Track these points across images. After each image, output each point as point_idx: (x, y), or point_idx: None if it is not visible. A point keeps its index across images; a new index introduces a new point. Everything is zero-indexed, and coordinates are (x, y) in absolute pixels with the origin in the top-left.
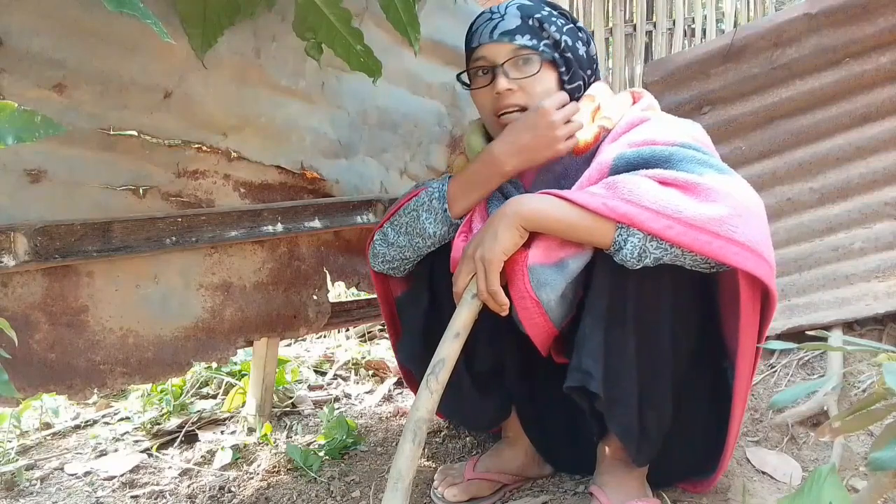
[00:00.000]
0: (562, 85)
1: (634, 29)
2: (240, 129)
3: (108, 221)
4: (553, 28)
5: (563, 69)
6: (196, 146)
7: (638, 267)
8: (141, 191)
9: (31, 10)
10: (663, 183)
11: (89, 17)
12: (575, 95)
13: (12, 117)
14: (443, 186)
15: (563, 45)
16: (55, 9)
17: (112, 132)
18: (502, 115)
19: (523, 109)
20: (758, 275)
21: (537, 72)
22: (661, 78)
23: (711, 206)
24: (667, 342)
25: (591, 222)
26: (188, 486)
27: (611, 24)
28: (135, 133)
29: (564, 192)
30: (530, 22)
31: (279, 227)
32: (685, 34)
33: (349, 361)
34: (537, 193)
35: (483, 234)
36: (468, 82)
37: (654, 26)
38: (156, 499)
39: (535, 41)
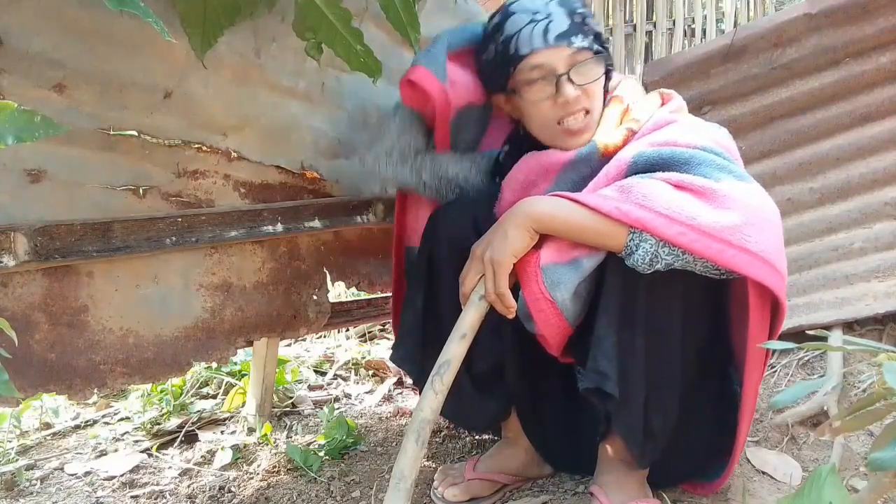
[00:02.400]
0: (606, 78)
1: (634, 29)
2: (240, 129)
3: (108, 221)
4: (591, 20)
5: (608, 62)
6: (196, 146)
7: (649, 272)
8: (141, 191)
9: (31, 10)
10: (679, 187)
11: (89, 17)
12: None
13: (12, 117)
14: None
15: (601, 37)
16: (55, 9)
17: (112, 132)
18: (567, 123)
19: (587, 112)
20: (768, 285)
21: (601, 75)
22: (661, 78)
23: (726, 213)
24: (675, 345)
25: (602, 226)
26: (188, 486)
27: (611, 24)
28: (135, 133)
29: (576, 195)
30: (576, 19)
31: (279, 227)
32: (685, 34)
33: (349, 361)
34: (549, 195)
35: (492, 234)
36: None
37: (654, 26)
38: (156, 499)
39: (587, 40)
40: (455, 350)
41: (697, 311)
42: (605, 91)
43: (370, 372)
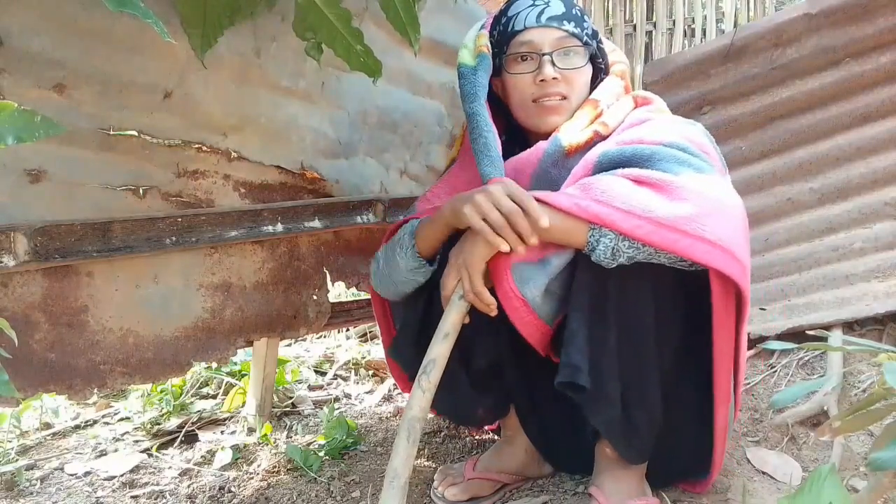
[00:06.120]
0: (594, 78)
1: (634, 29)
2: (240, 129)
3: (108, 221)
4: (588, 19)
5: (600, 61)
6: (196, 146)
7: (613, 265)
8: (141, 191)
9: (31, 10)
10: (638, 182)
11: (89, 17)
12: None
13: (12, 117)
14: (415, 223)
15: (597, 37)
16: (55, 9)
17: (112, 132)
18: (543, 100)
19: (564, 98)
20: (727, 273)
21: (583, 65)
22: (661, 78)
23: (681, 204)
24: (649, 340)
25: (564, 223)
26: (188, 486)
27: (611, 24)
28: (135, 133)
29: (539, 193)
30: (574, 11)
31: (279, 227)
32: (685, 34)
33: (349, 361)
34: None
35: (464, 238)
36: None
37: (654, 26)
38: (156, 499)
39: (578, 30)
40: (439, 349)
41: (672, 306)
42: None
43: (370, 372)
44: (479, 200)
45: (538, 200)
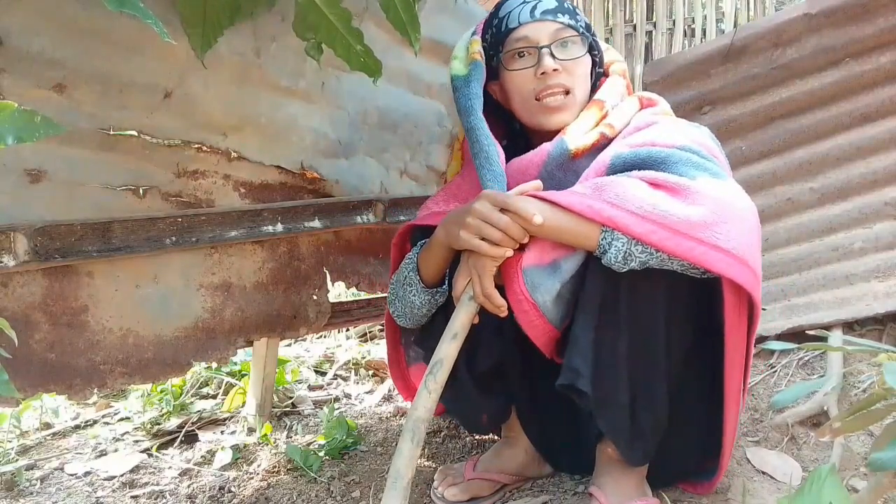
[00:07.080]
0: (593, 71)
1: (634, 29)
2: (240, 129)
3: (108, 221)
4: (581, 14)
5: (596, 53)
6: (196, 146)
7: (625, 270)
8: (141, 191)
9: (31, 10)
10: (654, 185)
11: (89, 17)
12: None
13: (12, 117)
14: (414, 257)
15: (590, 30)
16: (55, 9)
17: (112, 132)
18: (545, 97)
19: (567, 92)
20: (740, 282)
21: (583, 55)
22: (661, 78)
23: (697, 209)
24: (661, 344)
25: (576, 225)
26: (188, 486)
27: (611, 24)
28: (135, 133)
29: (551, 194)
30: (566, 4)
31: (279, 227)
32: (685, 34)
33: (349, 361)
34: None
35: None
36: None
37: (654, 26)
38: (156, 499)
39: (573, 21)
40: (447, 350)
41: (683, 310)
42: (593, 87)
43: (370, 372)
44: (470, 223)
45: (548, 201)
